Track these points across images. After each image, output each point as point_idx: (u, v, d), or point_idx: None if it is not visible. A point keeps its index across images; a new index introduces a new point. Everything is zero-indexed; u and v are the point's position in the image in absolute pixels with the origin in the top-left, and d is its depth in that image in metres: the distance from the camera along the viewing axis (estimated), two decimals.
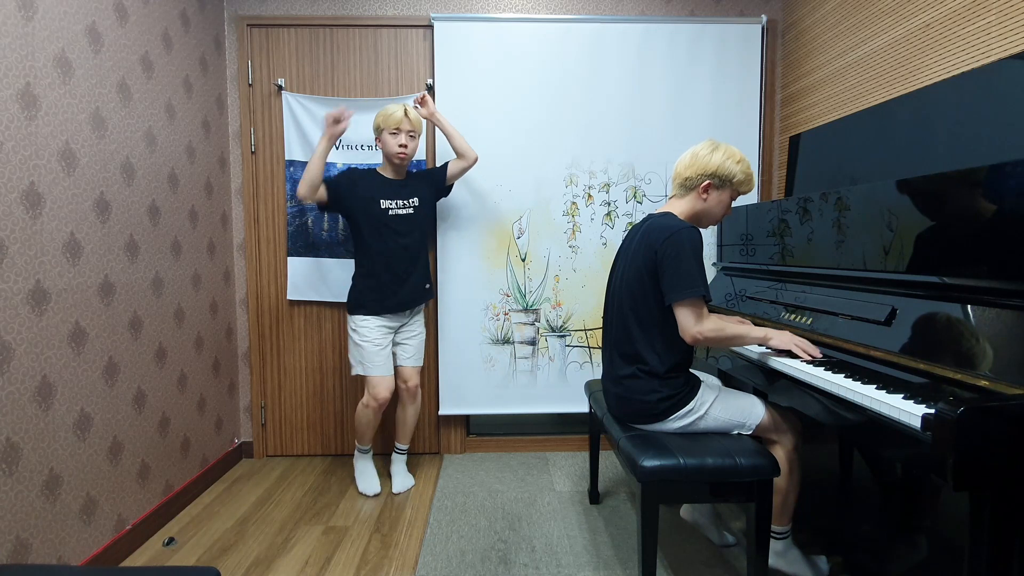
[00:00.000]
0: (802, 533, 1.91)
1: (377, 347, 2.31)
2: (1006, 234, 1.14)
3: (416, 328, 2.45)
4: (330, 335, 2.79)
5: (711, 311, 1.64)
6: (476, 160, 2.45)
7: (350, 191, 2.29)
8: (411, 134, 2.29)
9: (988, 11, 1.60)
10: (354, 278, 2.36)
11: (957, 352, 1.19)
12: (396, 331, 2.40)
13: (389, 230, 2.31)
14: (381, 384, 2.32)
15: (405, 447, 2.53)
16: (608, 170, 2.73)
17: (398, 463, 2.51)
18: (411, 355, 2.43)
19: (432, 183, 2.44)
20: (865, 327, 1.45)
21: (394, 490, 2.43)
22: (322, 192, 2.26)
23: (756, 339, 1.61)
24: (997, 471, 0.98)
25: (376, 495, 2.40)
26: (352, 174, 2.36)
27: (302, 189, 2.21)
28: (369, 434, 2.44)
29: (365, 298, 2.32)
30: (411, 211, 2.34)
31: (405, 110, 2.27)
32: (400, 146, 2.27)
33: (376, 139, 2.34)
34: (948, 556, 1.42)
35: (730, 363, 1.90)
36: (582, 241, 2.75)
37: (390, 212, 2.30)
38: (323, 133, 2.23)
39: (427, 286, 2.44)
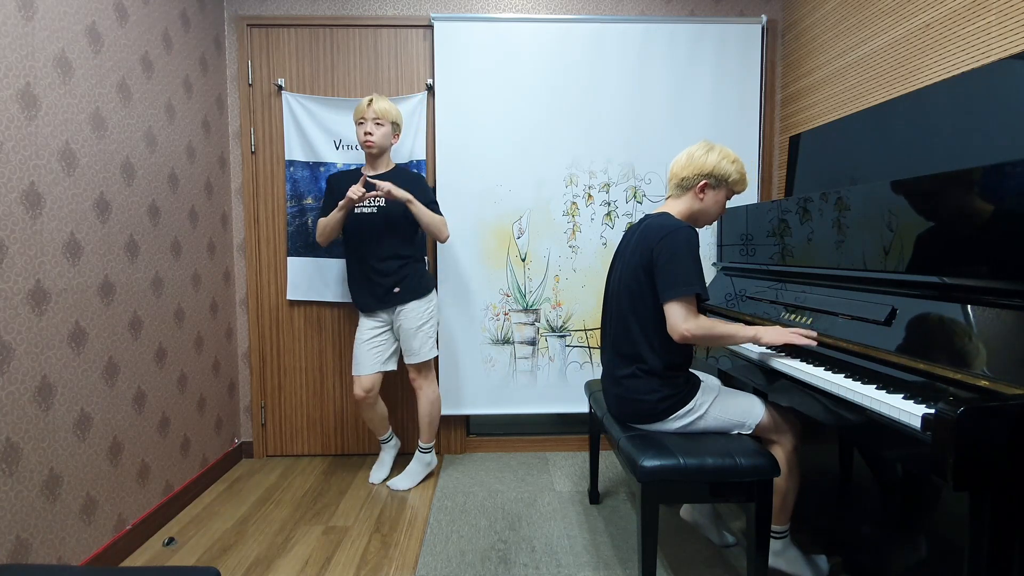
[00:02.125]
0: (802, 533, 1.91)
1: (362, 343, 2.40)
2: (1006, 234, 1.14)
3: (408, 323, 2.38)
4: (330, 335, 2.79)
5: (710, 312, 1.63)
6: (446, 240, 2.43)
7: (340, 194, 2.30)
8: (377, 122, 2.29)
9: (988, 11, 1.60)
10: None
11: (957, 352, 1.19)
12: (390, 328, 2.44)
13: (356, 226, 2.35)
14: (357, 382, 2.40)
15: (422, 444, 2.52)
16: (608, 170, 2.73)
17: (413, 460, 2.53)
18: (407, 352, 2.43)
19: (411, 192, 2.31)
20: (865, 327, 1.44)
21: (389, 483, 2.48)
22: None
23: (746, 338, 1.61)
24: (997, 471, 0.98)
25: (373, 484, 2.50)
26: (340, 177, 2.43)
27: (321, 241, 2.42)
28: (375, 427, 2.54)
29: (352, 293, 2.46)
30: (374, 210, 2.33)
31: (371, 100, 2.29)
32: (366, 134, 2.30)
33: None
34: (948, 556, 1.42)
35: (730, 363, 1.90)
36: (582, 241, 2.75)
37: (355, 210, 2.34)
38: (343, 203, 2.26)
39: (395, 290, 2.35)
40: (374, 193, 2.23)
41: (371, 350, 2.40)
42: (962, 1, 1.68)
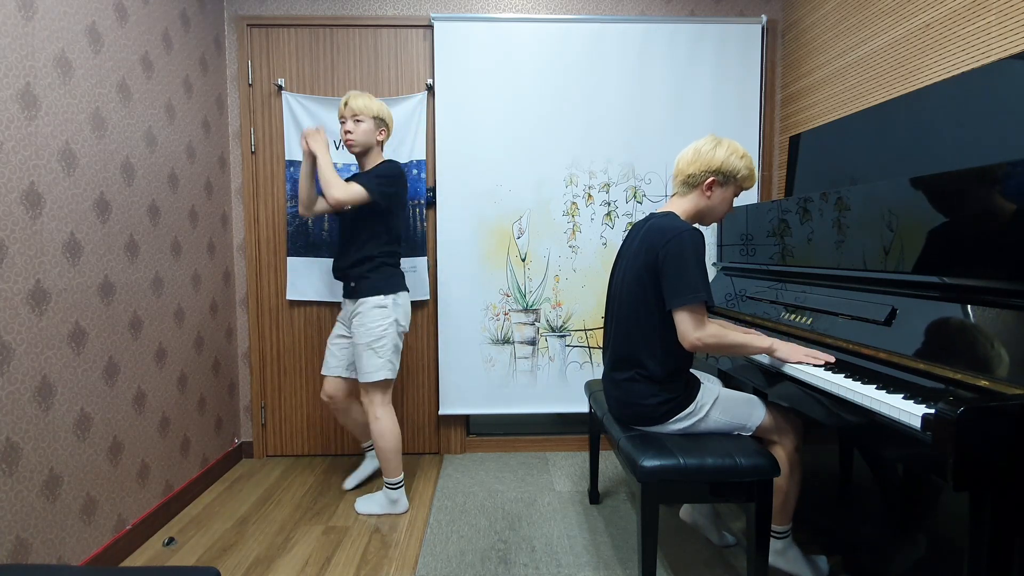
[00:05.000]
0: (802, 533, 1.91)
1: (329, 340, 2.33)
2: (1006, 234, 1.14)
3: (359, 337, 2.16)
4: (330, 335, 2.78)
5: (711, 313, 1.63)
6: (332, 200, 2.06)
7: None
8: (356, 119, 2.18)
9: (988, 11, 1.60)
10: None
11: (957, 352, 1.19)
12: (347, 326, 2.27)
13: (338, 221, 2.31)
14: (323, 383, 2.34)
15: (385, 479, 2.25)
16: (608, 170, 2.73)
17: (380, 492, 2.29)
18: (357, 367, 2.20)
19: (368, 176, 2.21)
20: (865, 327, 1.44)
21: (356, 501, 2.30)
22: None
23: (761, 349, 1.56)
24: (997, 471, 0.98)
25: (345, 490, 2.45)
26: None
27: (301, 209, 2.30)
28: (356, 434, 2.51)
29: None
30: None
31: (347, 99, 2.19)
32: (345, 132, 2.20)
33: None
34: (948, 556, 1.42)
35: (730, 363, 1.90)
36: (582, 241, 2.75)
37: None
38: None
39: (351, 284, 2.19)
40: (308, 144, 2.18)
41: (334, 349, 2.30)
42: (962, 1, 1.68)
